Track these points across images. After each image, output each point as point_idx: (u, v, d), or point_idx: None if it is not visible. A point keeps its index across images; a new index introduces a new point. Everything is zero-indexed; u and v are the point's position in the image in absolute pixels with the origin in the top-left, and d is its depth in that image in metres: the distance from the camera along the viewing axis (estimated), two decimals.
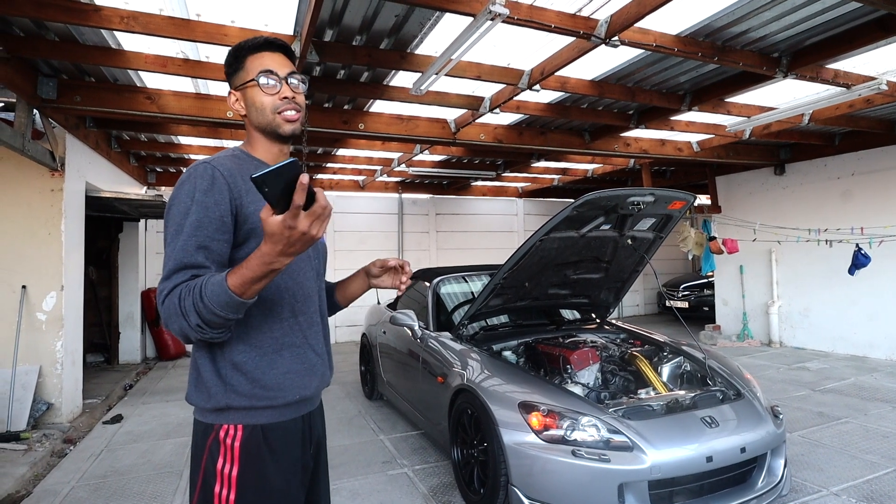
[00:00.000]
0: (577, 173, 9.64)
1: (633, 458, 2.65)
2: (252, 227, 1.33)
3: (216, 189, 1.28)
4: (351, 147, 6.89)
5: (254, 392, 1.33)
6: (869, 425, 4.57)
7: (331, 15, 3.48)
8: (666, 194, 3.38)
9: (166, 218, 1.28)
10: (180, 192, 1.28)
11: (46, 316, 4.84)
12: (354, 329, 9.96)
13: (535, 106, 5.34)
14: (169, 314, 1.18)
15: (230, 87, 1.46)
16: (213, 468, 1.32)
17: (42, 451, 4.19)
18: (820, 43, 4.01)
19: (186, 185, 1.28)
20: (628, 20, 3.28)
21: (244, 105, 1.44)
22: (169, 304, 1.18)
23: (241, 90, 1.43)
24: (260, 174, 0.99)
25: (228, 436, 1.32)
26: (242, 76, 1.43)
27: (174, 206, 1.27)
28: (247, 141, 1.50)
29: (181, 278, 1.21)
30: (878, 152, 7.21)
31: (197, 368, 1.36)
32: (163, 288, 1.21)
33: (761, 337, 8.72)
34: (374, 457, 4.16)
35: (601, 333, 4.26)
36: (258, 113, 1.41)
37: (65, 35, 3.71)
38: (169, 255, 1.23)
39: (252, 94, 1.41)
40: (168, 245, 1.25)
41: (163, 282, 1.22)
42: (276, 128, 1.42)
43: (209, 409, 1.34)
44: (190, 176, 1.29)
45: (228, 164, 1.35)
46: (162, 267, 1.25)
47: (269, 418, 1.36)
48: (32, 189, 4.84)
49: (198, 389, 1.35)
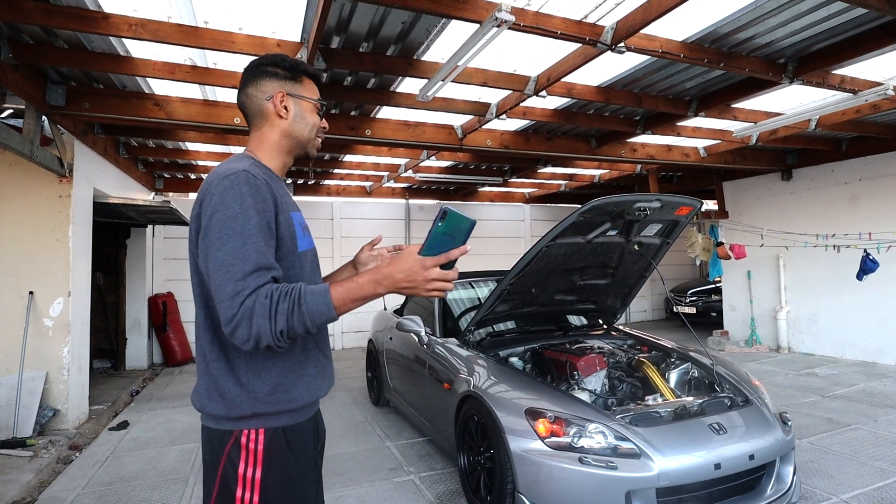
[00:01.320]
0: (584, 179, 9.63)
1: (640, 465, 2.63)
2: (280, 237, 1.36)
3: (261, 196, 1.31)
4: (358, 153, 6.93)
5: (276, 398, 1.35)
6: (879, 432, 4.52)
7: (338, 22, 3.50)
8: (672, 200, 3.37)
9: (210, 223, 1.26)
10: (226, 197, 1.27)
11: (53, 322, 4.86)
12: (361, 335, 9.96)
13: (541, 112, 5.34)
14: (248, 315, 1.17)
15: (278, 87, 1.48)
16: (233, 473, 1.33)
17: (48, 458, 4.20)
18: (826, 49, 4.00)
19: (232, 191, 1.27)
20: (634, 27, 3.28)
21: (290, 110, 1.49)
22: (252, 305, 1.17)
23: (296, 99, 1.50)
24: (453, 210, 1.15)
25: (251, 441, 1.33)
26: (301, 89, 1.51)
27: (220, 211, 1.26)
28: (258, 146, 1.50)
29: (262, 279, 1.21)
30: (886, 157, 7.17)
31: (212, 378, 1.35)
32: (241, 288, 1.18)
33: (770, 342, 8.65)
34: (381, 463, 4.14)
35: (608, 339, 4.24)
36: (304, 126, 1.51)
37: (74, 42, 3.75)
38: (236, 256, 1.21)
39: (306, 109, 1.52)
40: (224, 248, 1.22)
41: (237, 281, 1.19)
42: (309, 147, 1.54)
43: (232, 417, 1.34)
44: (233, 183, 1.28)
45: (260, 172, 1.37)
46: (218, 269, 1.22)
47: (289, 421, 1.38)
48: (41, 195, 4.88)
49: (213, 399, 1.35)
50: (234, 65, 4.11)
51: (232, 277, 1.20)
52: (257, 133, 1.50)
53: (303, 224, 1.48)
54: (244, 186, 1.28)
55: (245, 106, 1.51)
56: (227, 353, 1.34)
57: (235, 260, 1.21)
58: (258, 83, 1.48)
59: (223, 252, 1.22)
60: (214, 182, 1.30)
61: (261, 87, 1.48)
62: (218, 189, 1.28)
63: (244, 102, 1.51)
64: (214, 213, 1.26)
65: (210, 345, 1.35)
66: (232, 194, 1.27)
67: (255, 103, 1.48)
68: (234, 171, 1.30)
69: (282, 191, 1.44)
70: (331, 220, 10.17)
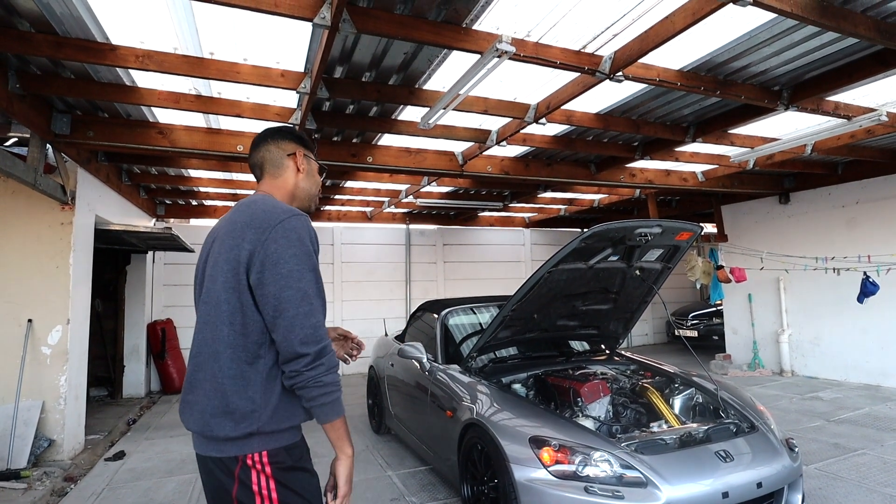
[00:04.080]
0: (584, 203, 9.69)
1: (647, 494, 2.59)
2: None
3: (317, 241, 1.60)
4: (359, 179, 6.98)
5: (279, 416, 1.51)
6: (886, 457, 4.46)
7: (341, 53, 3.57)
8: (673, 226, 3.39)
9: (286, 252, 1.47)
10: (303, 235, 1.52)
11: (51, 350, 4.82)
12: (361, 361, 9.87)
13: (541, 138, 5.41)
14: (327, 351, 1.48)
15: (297, 147, 1.78)
16: (248, 494, 1.45)
17: (42, 490, 4.12)
18: (820, 76, 4.08)
19: (306, 231, 1.53)
20: (631, 56, 3.35)
21: (306, 169, 1.79)
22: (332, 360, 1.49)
23: (308, 160, 1.80)
24: None
25: (257, 462, 1.46)
26: (310, 154, 1.83)
27: (298, 246, 1.49)
28: (275, 190, 1.75)
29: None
30: (882, 181, 7.24)
31: (224, 396, 1.47)
32: (322, 332, 1.48)
33: (772, 366, 8.60)
34: (382, 493, 4.07)
35: (611, 365, 4.21)
36: (312, 185, 1.81)
37: (81, 73, 3.82)
38: (316, 295, 1.50)
39: (314, 171, 1.83)
40: (304, 280, 1.47)
41: (319, 327, 1.47)
42: (311, 204, 1.82)
43: (238, 436, 1.45)
44: (306, 225, 1.54)
45: None
46: (301, 298, 1.46)
47: (289, 440, 1.54)
48: (42, 222, 4.89)
49: (218, 418, 1.47)
50: (238, 94, 4.17)
51: (309, 316, 1.45)
52: (273, 181, 1.75)
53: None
54: (313, 231, 1.56)
55: (264, 159, 1.75)
56: (244, 371, 1.47)
57: (313, 300, 1.47)
58: (279, 142, 1.76)
59: (304, 283, 1.46)
60: (285, 217, 1.52)
61: (282, 146, 1.76)
62: (293, 226, 1.50)
63: (264, 156, 1.75)
64: (294, 247, 1.48)
65: (230, 362, 1.47)
66: (309, 235, 1.53)
67: (277, 157, 1.75)
68: (300, 214, 1.56)
69: None
70: (332, 245, 10.18)
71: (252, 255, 1.47)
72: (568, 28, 3.27)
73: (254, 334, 1.48)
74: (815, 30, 3.34)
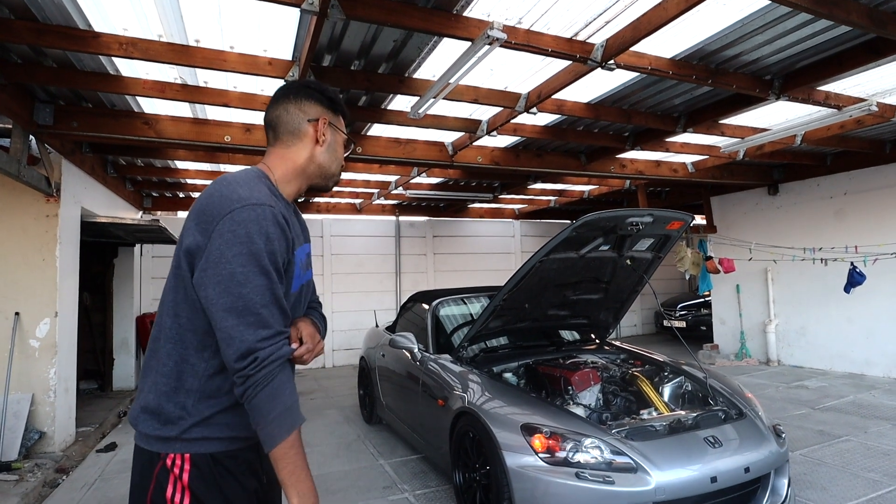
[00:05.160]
0: (574, 195, 9.71)
1: (637, 479, 2.62)
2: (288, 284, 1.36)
3: (284, 239, 1.31)
4: (348, 170, 6.93)
5: (211, 423, 1.32)
6: (869, 443, 4.54)
7: (330, 40, 3.53)
8: (664, 214, 3.40)
9: (228, 251, 1.23)
10: (251, 231, 1.24)
11: (40, 343, 4.77)
12: (352, 353, 9.87)
13: (532, 128, 5.39)
14: (257, 384, 1.22)
15: (322, 112, 1.47)
16: (161, 499, 1.28)
17: (34, 482, 4.08)
18: (811, 66, 4.09)
19: (258, 226, 1.25)
20: (624, 44, 3.34)
21: (326, 139, 1.47)
22: (263, 380, 1.22)
23: (334, 130, 1.49)
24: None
25: (176, 466, 1.28)
26: (338, 122, 1.51)
27: (245, 244, 1.23)
28: (279, 163, 1.45)
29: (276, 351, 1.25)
30: (870, 172, 7.31)
31: (157, 391, 1.31)
32: (258, 349, 1.22)
33: (759, 356, 8.69)
34: (374, 482, 4.08)
35: (601, 354, 4.24)
36: (332, 158, 1.50)
37: (63, 61, 3.74)
38: (259, 304, 1.23)
39: (338, 142, 1.52)
40: (247, 286, 1.22)
41: (258, 341, 1.22)
42: (330, 179, 1.53)
43: (162, 437, 1.30)
44: (261, 217, 1.26)
45: (282, 208, 1.35)
46: (234, 311, 1.22)
47: (218, 447, 1.32)
48: (27, 215, 4.82)
49: (148, 414, 1.31)
50: (225, 83, 4.11)
51: (250, 329, 1.22)
52: (283, 150, 1.45)
53: (302, 262, 1.44)
54: (271, 226, 1.26)
55: (279, 120, 1.45)
56: (181, 370, 1.30)
57: (260, 311, 1.23)
58: (301, 102, 1.45)
59: (247, 290, 1.22)
60: (237, 206, 1.25)
61: (303, 107, 1.45)
62: (243, 218, 1.24)
63: (280, 116, 1.45)
64: (239, 245, 1.23)
65: (167, 358, 1.30)
66: (259, 230, 1.25)
67: (295, 120, 1.44)
68: (260, 203, 1.27)
69: (293, 220, 1.41)
70: (321, 237, 10.13)
71: (197, 248, 1.25)
72: (560, 15, 3.25)
73: (198, 332, 1.29)
74: (807, 17, 3.34)
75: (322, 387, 8.01)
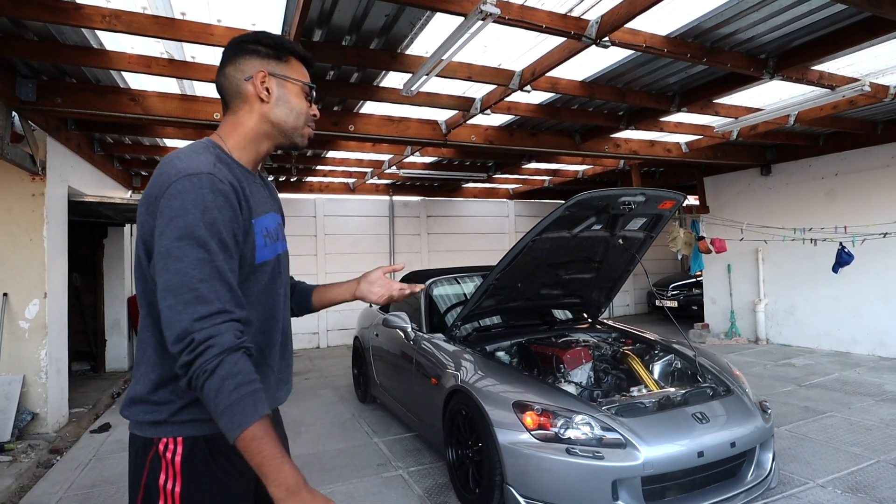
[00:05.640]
0: (568, 174, 9.68)
1: (626, 454, 2.67)
2: (242, 249, 1.24)
3: (229, 206, 1.19)
4: (341, 149, 6.86)
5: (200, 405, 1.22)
6: (852, 419, 4.64)
7: (320, 14, 3.46)
8: (657, 194, 3.40)
9: (167, 229, 1.14)
10: (186, 202, 1.14)
11: (29, 324, 4.74)
12: (346, 332, 9.90)
13: (525, 107, 5.35)
14: (199, 373, 1.09)
15: (259, 66, 1.33)
16: (155, 485, 1.23)
17: (28, 462, 4.09)
18: (806, 44, 4.06)
19: (194, 197, 1.15)
20: (619, 21, 3.29)
21: (272, 93, 1.33)
22: (204, 365, 1.09)
23: (280, 80, 1.34)
24: None
25: (168, 450, 1.24)
26: (286, 69, 1.36)
27: (180, 217, 1.13)
28: (230, 132, 1.35)
29: (217, 331, 1.11)
30: (861, 153, 7.33)
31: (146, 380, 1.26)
32: (194, 331, 1.09)
33: (748, 334, 8.80)
34: (369, 460, 4.12)
35: (593, 333, 4.27)
36: (290, 113, 1.36)
37: (44, 34, 3.64)
38: (196, 279, 1.11)
39: (291, 92, 1.36)
40: (183, 262, 1.12)
41: (193, 321, 1.09)
42: (295, 136, 1.38)
43: (152, 421, 1.25)
44: (196, 187, 1.16)
45: (227, 173, 1.23)
46: (170, 291, 1.11)
47: (211, 429, 1.22)
48: (12, 194, 4.74)
49: (137, 402, 1.27)
50: (212, 58, 4.03)
51: (187, 307, 1.10)
52: (233, 117, 1.35)
53: (268, 231, 1.35)
54: (209, 194, 1.16)
55: (223, 88, 1.35)
56: (162, 358, 1.23)
57: (197, 286, 1.11)
58: (237, 62, 1.33)
59: (183, 265, 1.12)
60: (174, 180, 1.16)
61: (240, 66, 1.33)
62: (178, 190, 1.15)
63: (222, 84, 1.35)
64: (173, 219, 1.13)
65: (148, 346, 1.25)
66: (194, 200, 1.14)
67: (233, 84, 1.33)
68: (197, 172, 1.17)
69: (251, 190, 1.31)
70: (314, 217, 10.08)
71: (150, 233, 1.18)
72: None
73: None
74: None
75: (316, 367, 8.04)
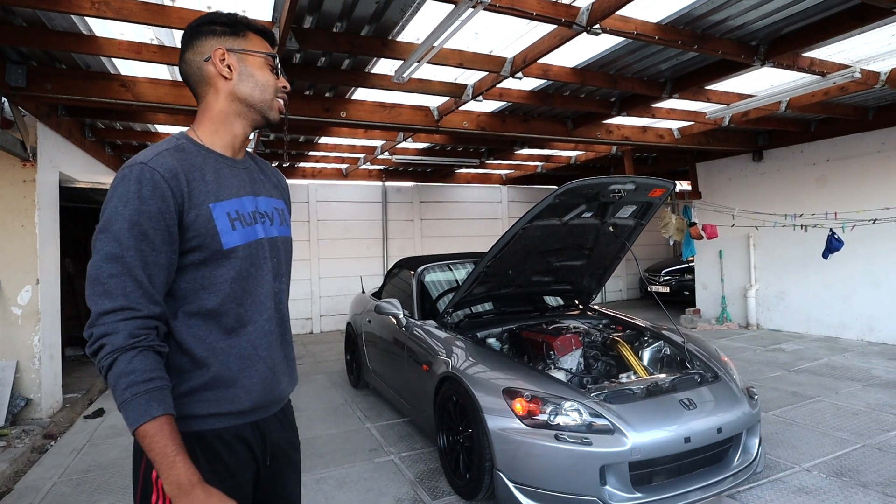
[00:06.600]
0: (561, 160, 9.68)
1: (614, 440, 2.71)
2: (195, 236, 1.21)
3: (157, 196, 1.16)
4: (333, 135, 6.83)
5: (188, 400, 1.23)
6: (840, 403, 4.72)
7: (310, 1, 3.43)
8: (646, 182, 3.42)
9: (103, 222, 1.16)
10: (114, 195, 1.15)
11: (22, 310, 4.74)
12: (339, 318, 9.94)
13: (517, 93, 5.33)
14: (103, 362, 1.12)
15: (216, 45, 1.30)
16: (149, 476, 1.22)
17: (22, 448, 4.13)
18: (797, 31, 4.06)
19: (121, 189, 1.15)
20: (609, 8, 3.28)
21: (234, 69, 1.30)
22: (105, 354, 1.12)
23: (239, 55, 1.31)
24: None
25: None
26: (245, 44, 1.32)
27: (107, 209, 1.15)
28: (200, 119, 1.33)
29: (116, 328, 1.13)
30: (852, 139, 7.36)
31: None
32: (95, 324, 1.12)
33: (739, 320, 8.91)
34: (361, 445, 4.18)
35: (584, 319, 4.32)
36: (256, 87, 1.32)
37: (33, 20, 3.60)
38: (108, 274, 1.12)
39: (254, 65, 1.32)
40: (100, 253, 1.13)
41: (98, 315, 1.12)
42: (266, 110, 1.34)
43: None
44: (124, 179, 1.15)
45: (169, 161, 1.21)
46: (90, 279, 1.14)
47: (199, 426, 1.24)
48: (4, 180, 4.71)
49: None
50: None
51: (95, 300, 1.13)
52: (202, 104, 1.33)
53: (238, 214, 1.29)
54: (133, 185, 1.14)
55: (187, 76, 1.33)
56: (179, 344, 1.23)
57: (106, 280, 1.12)
58: (194, 45, 1.30)
59: (99, 258, 1.13)
60: (117, 173, 1.19)
61: (198, 49, 1.30)
62: (113, 183, 1.17)
63: (185, 71, 1.32)
64: (102, 212, 1.16)
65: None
66: (120, 193, 1.14)
67: (195, 68, 1.30)
68: (131, 164, 1.17)
69: (214, 175, 1.28)
70: (307, 202, 10.05)
71: None
72: None
73: None
74: None
75: (310, 352, 8.09)
